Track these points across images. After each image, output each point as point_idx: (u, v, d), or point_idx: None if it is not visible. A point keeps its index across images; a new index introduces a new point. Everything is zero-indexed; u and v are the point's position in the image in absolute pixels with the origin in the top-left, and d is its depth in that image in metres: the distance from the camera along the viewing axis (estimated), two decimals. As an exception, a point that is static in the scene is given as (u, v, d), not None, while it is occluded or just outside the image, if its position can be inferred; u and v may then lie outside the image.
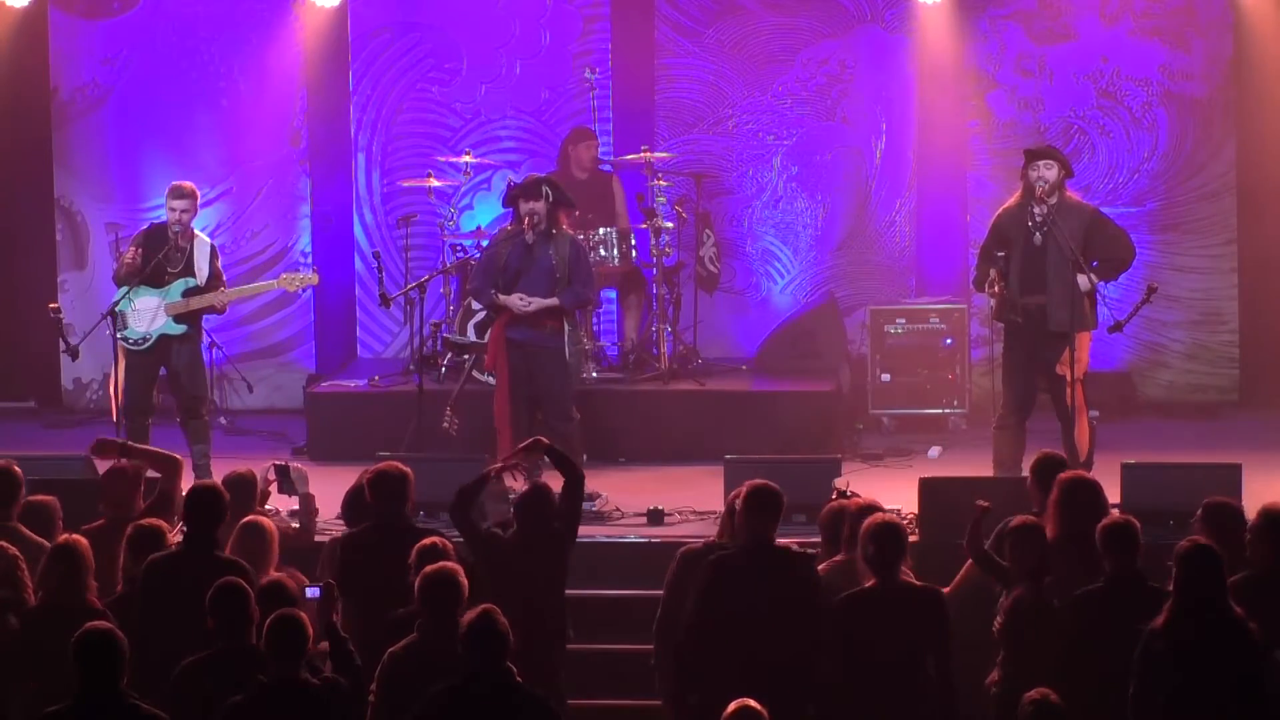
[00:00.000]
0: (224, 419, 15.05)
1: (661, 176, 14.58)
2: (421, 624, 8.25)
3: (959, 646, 8.72)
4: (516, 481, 11.12)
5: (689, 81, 15.82)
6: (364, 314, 16.12)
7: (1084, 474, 9.63)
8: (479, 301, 13.06)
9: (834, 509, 9.47)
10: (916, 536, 10.75)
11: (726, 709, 7.42)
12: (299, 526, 10.54)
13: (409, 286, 13.79)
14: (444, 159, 15.47)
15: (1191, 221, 15.51)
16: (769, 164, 15.80)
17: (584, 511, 10.29)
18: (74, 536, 8.89)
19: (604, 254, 14.14)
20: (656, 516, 11.99)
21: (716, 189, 15.70)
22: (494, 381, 12.73)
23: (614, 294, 14.94)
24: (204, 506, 9.05)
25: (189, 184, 12.90)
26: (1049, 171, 12.05)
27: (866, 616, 8.50)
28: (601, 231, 14.18)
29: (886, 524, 8.64)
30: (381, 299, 13.56)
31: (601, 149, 15.01)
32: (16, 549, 9.02)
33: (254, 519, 9.41)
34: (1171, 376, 15.59)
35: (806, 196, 15.80)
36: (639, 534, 11.80)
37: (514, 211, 12.49)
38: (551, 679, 8.99)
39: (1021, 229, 12.09)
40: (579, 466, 10.00)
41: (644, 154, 14.60)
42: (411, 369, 14.14)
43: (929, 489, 11.17)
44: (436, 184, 14.92)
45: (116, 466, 10.35)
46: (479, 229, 15.14)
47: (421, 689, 7.71)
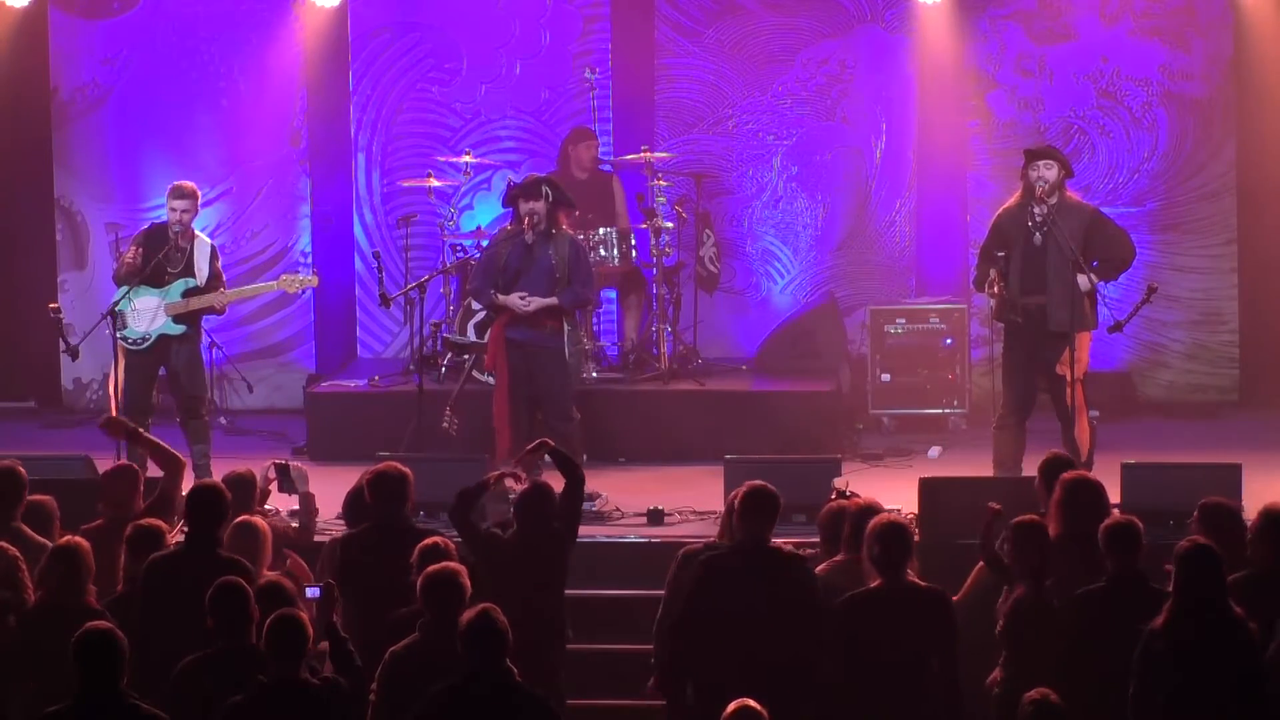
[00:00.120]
0: (224, 419, 15.05)
1: (661, 176, 14.57)
2: (423, 624, 8.26)
3: (970, 650, 8.72)
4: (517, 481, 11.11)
5: (689, 81, 15.81)
6: (364, 314, 16.12)
7: (1086, 474, 9.63)
8: (479, 301, 13.05)
9: (834, 509, 9.47)
10: (917, 536, 10.72)
11: (726, 709, 7.41)
12: (299, 526, 10.54)
13: (409, 286, 13.78)
14: (444, 159, 15.47)
15: (1191, 221, 15.50)
16: (769, 164, 15.80)
17: (584, 511, 10.30)
18: (75, 538, 8.89)
19: (604, 254, 14.14)
20: (656, 516, 11.99)
21: (716, 189, 15.70)
22: (494, 381, 12.73)
23: (614, 294, 14.93)
24: (206, 505, 9.04)
25: (190, 184, 12.89)
26: (1049, 171, 12.04)
27: (871, 617, 8.49)
28: (601, 231, 14.17)
29: (892, 524, 8.63)
30: (381, 299, 13.56)
31: (601, 149, 15.01)
32: (19, 549, 9.03)
33: (247, 519, 9.40)
34: (1171, 376, 15.59)
35: (806, 196, 15.79)
36: (639, 534, 11.80)
37: (514, 211, 12.48)
38: (551, 679, 8.98)
39: (1021, 229, 12.09)
40: (580, 467, 10.00)
41: (644, 154, 14.60)
42: (411, 369, 14.14)
43: (929, 489, 11.17)
44: (436, 184, 14.91)
45: (117, 466, 10.37)
46: (479, 229, 15.13)
47: (423, 689, 7.70)
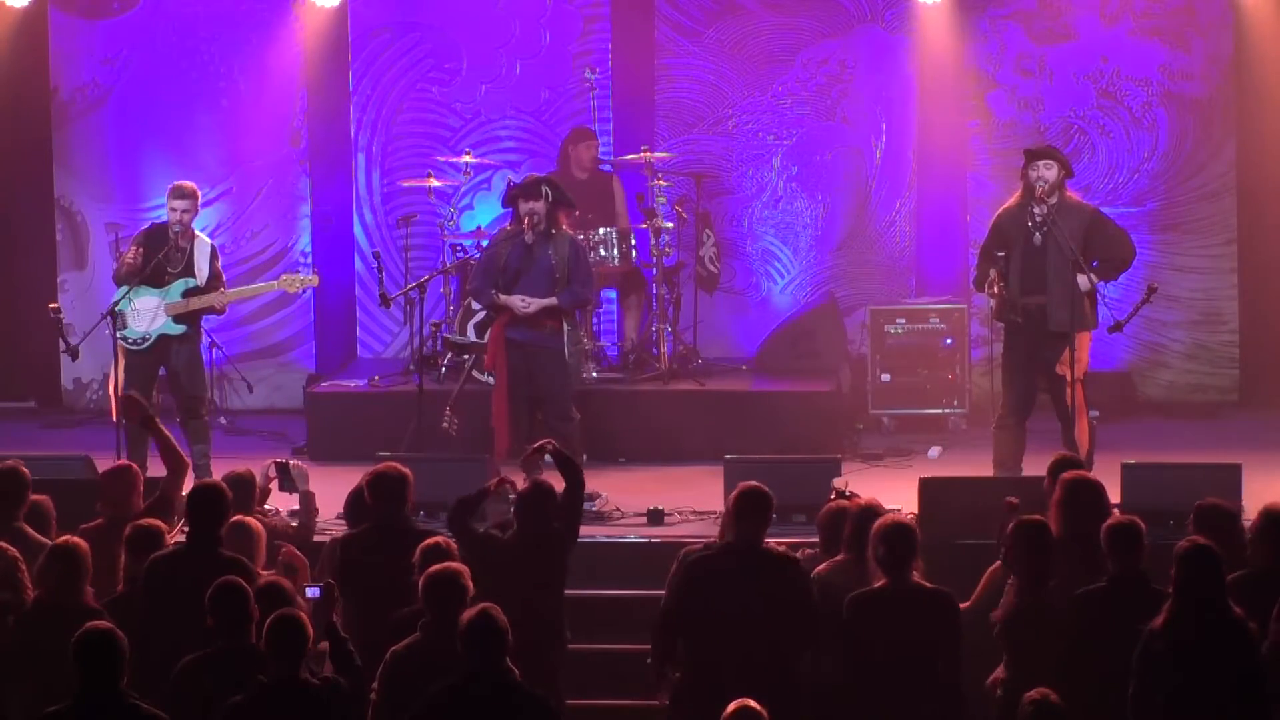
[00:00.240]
0: (224, 419, 15.04)
1: (661, 176, 14.57)
2: (424, 624, 8.25)
3: (982, 652, 8.73)
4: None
5: (689, 81, 15.81)
6: (364, 314, 16.11)
7: (1086, 474, 9.62)
8: (479, 302, 13.05)
9: (834, 509, 9.46)
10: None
11: (726, 709, 7.41)
12: (298, 525, 10.54)
13: (409, 286, 13.78)
14: (444, 159, 15.46)
15: (1191, 221, 15.50)
16: (769, 164, 15.79)
17: (584, 511, 10.29)
18: (73, 538, 8.88)
19: (604, 254, 14.13)
20: (656, 516, 11.99)
21: (716, 189, 15.69)
22: (494, 381, 12.73)
23: (614, 294, 14.93)
24: (207, 505, 9.04)
25: (190, 184, 12.89)
26: (1049, 171, 12.04)
27: (876, 617, 8.50)
28: (601, 231, 14.17)
29: (898, 524, 8.63)
30: (381, 299, 13.55)
31: (601, 149, 15.01)
32: (20, 549, 9.02)
33: (241, 519, 9.39)
34: (1171, 376, 15.58)
35: (806, 196, 15.79)
36: (639, 534, 11.80)
37: (514, 211, 12.48)
38: (550, 679, 8.98)
39: (1021, 229, 12.08)
40: (580, 468, 9.99)
41: (644, 154, 14.59)
42: (411, 369, 14.14)
43: (929, 489, 11.18)
44: (436, 184, 14.91)
45: (116, 466, 10.37)
46: (479, 229, 15.13)
47: (424, 689, 7.70)
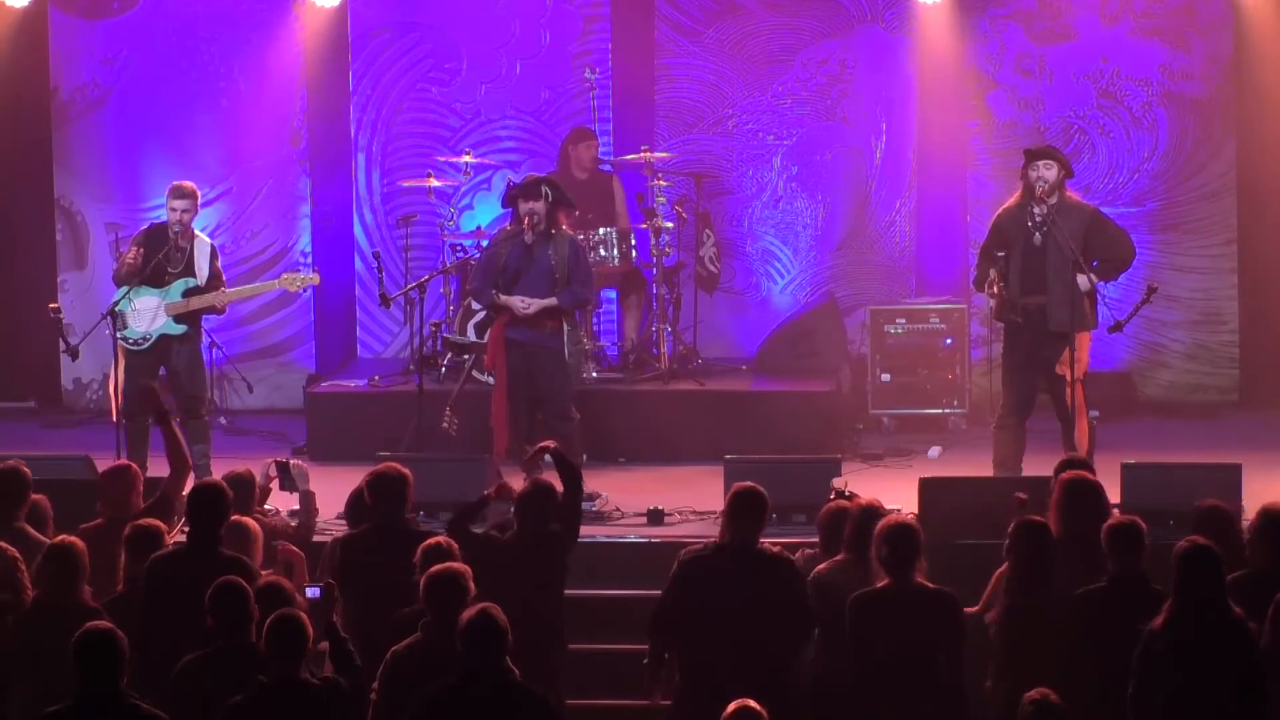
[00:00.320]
0: (224, 419, 15.04)
1: (661, 176, 14.57)
2: (425, 623, 8.23)
3: (989, 654, 8.74)
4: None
5: (689, 81, 15.81)
6: (364, 314, 16.11)
7: (1085, 474, 9.61)
8: (479, 302, 13.05)
9: (833, 509, 9.45)
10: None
11: (727, 709, 7.40)
12: (298, 524, 10.54)
13: (409, 286, 13.78)
14: (444, 159, 15.46)
15: (1191, 221, 15.50)
16: (769, 164, 15.79)
17: (584, 511, 10.28)
18: (69, 537, 8.88)
19: (604, 254, 14.13)
20: (656, 516, 11.99)
21: (716, 189, 15.69)
22: (494, 381, 12.72)
23: (614, 294, 14.93)
24: (208, 504, 9.04)
25: (189, 184, 12.90)
26: (1049, 171, 12.04)
27: (878, 616, 8.50)
28: (601, 231, 14.17)
29: (901, 525, 8.63)
30: (381, 299, 13.55)
31: (601, 149, 15.00)
32: (22, 549, 9.02)
33: (237, 519, 9.38)
34: (1171, 376, 15.58)
35: (806, 196, 15.79)
36: (639, 534, 11.80)
37: (514, 211, 12.48)
38: (550, 679, 8.97)
39: (1021, 229, 12.08)
40: (578, 469, 9.97)
41: (644, 154, 14.59)
42: (411, 369, 14.14)
43: (929, 489, 11.18)
44: (436, 184, 14.91)
45: (115, 466, 10.37)
46: (479, 229, 15.13)
47: (424, 689, 7.70)
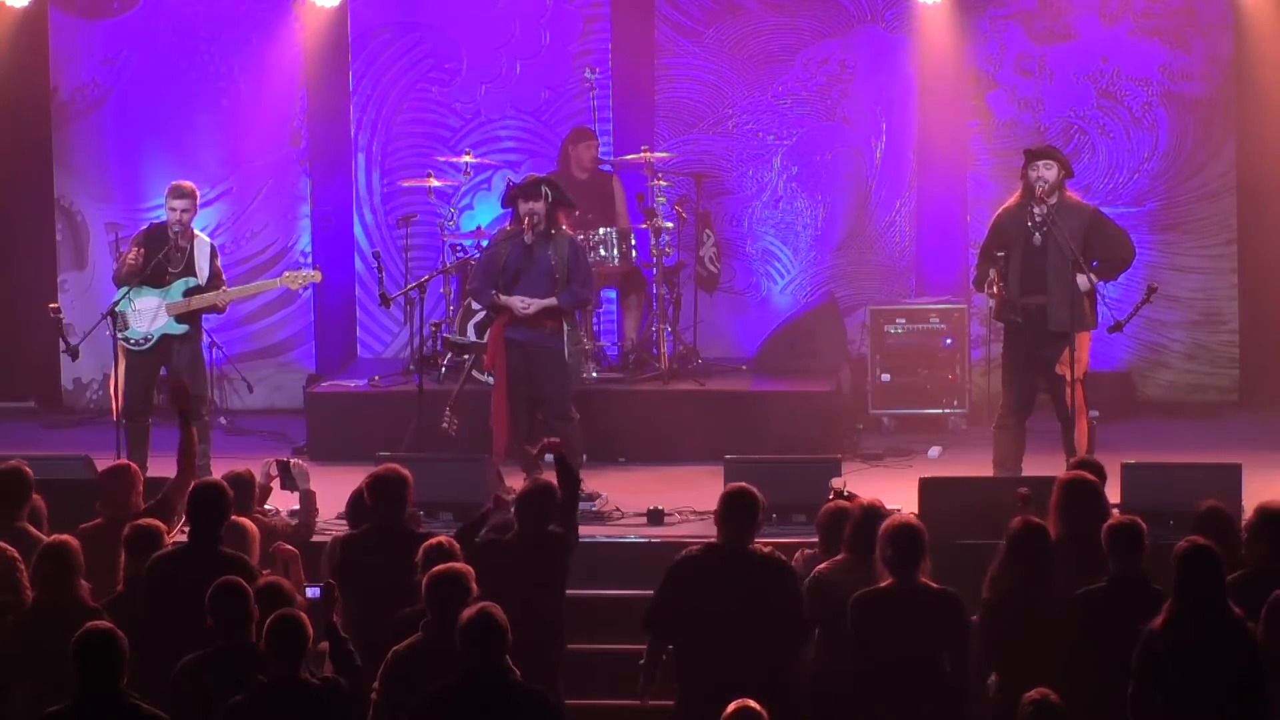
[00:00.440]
0: (224, 419, 15.04)
1: (661, 176, 14.57)
2: (427, 623, 8.22)
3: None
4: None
5: (689, 81, 15.81)
6: (364, 314, 16.11)
7: (1084, 474, 9.60)
8: (479, 302, 13.05)
9: (833, 509, 9.45)
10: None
11: (727, 709, 7.40)
12: (298, 523, 10.55)
13: (409, 286, 13.78)
14: (444, 159, 15.46)
15: (1191, 221, 15.49)
16: (769, 164, 15.79)
17: (584, 511, 10.29)
18: (63, 536, 8.87)
19: (604, 254, 14.13)
20: (656, 516, 11.99)
21: (716, 189, 15.69)
22: (493, 381, 12.72)
23: (614, 294, 14.93)
24: (208, 504, 9.04)
25: (189, 184, 12.91)
26: (1049, 171, 12.05)
27: (881, 616, 8.51)
28: (601, 231, 14.17)
29: (906, 525, 8.63)
30: (381, 299, 13.56)
31: (601, 149, 15.00)
32: (23, 548, 9.00)
33: (234, 519, 9.37)
34: (1171, 376, 15.58)
35: (806, 196, 15.79)
36: (639, 534, 11.80)
37: (513, 212, 12.49)
38: (550, 679, 8.96)
39: (1021, 229, 12.09)
40: (576, 470, 9.96)
41: (644, 154, 14.59)
42: (411, 369, 14.14)
43: (929, 489, 11.18)
44: (436, 184, 14.91)
45: (115, 466, 10.38)
46: (479, 229, 15.13)
47: (425, 688, 7.70)
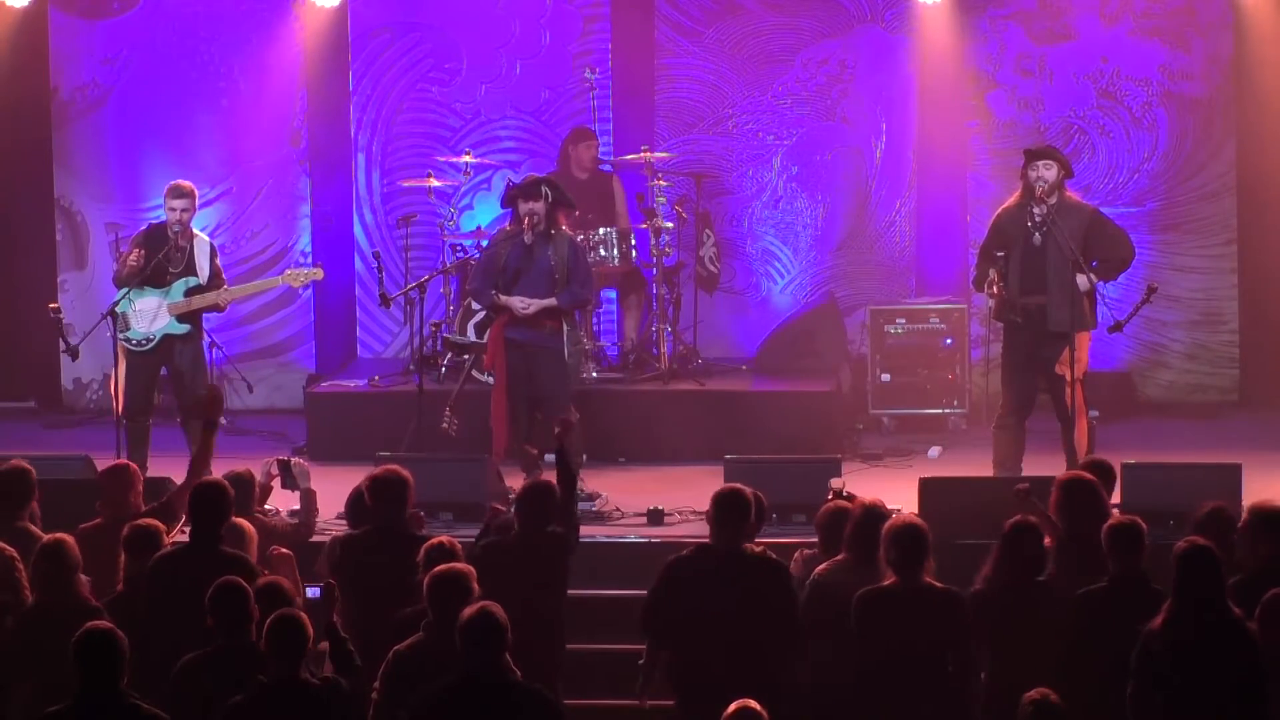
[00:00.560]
0: (224, 419, 15.00)
1: (661, 176, 14.57)
2: (428, 623, 8.21)
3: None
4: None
5: (689, 81, 15.81)
6: (364, 314, 16.11)
7: (1083, 474, 9.61)
8: (479, 302, 13.05)
9: (832, 509, 9.45)
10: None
11: (727, 709, 7.39)
12: (298, 523, 10.54)
13: (409, 286, 13.79)
14: (444, 159, 15.46)
15: (1191, 221, 15.49)
16: (769, 164, 15.79)
17: (584, 511, 10.29)
18: (60, 535, 8.86)
19: (604, 254, 14.13)
20: (656, 516, 11.99)
21: (716, 189, 15.69)
22: (493, 381, 12.72)
23: (614, 294, 14.93)
24: (209, 503, 9.04)
25: (187, 183, 12.91)
26: (1048, 172, 12.05)
27: (884, 615, 8.52)
28: (601, 231, 14.17)
29: (910, 525, 8.64)
30: (381, 299, 13.56)
31: (601, 149, 15.00)
32: (26, 548, 9.00)
33: (232, 521, 9.37)
34: (1171, 376, 15.58)
35: (806, 196, 15.79)
36: (639, 534, 11.80)
37: (513, 212, 12.48)
38: (550, 679, 8.96)
39: (1021, 229, 12.09)
40: (574, 467, 9.94)
41: (644, 154, 14.59)
42: (411, 369, 14.14)
43: (929, 489, 11.19)
44: (436, 184, 14.91)
45: (114, 466, 10.38)
46: (479, 229, 15.13)
47: (424, 687, 7.70)
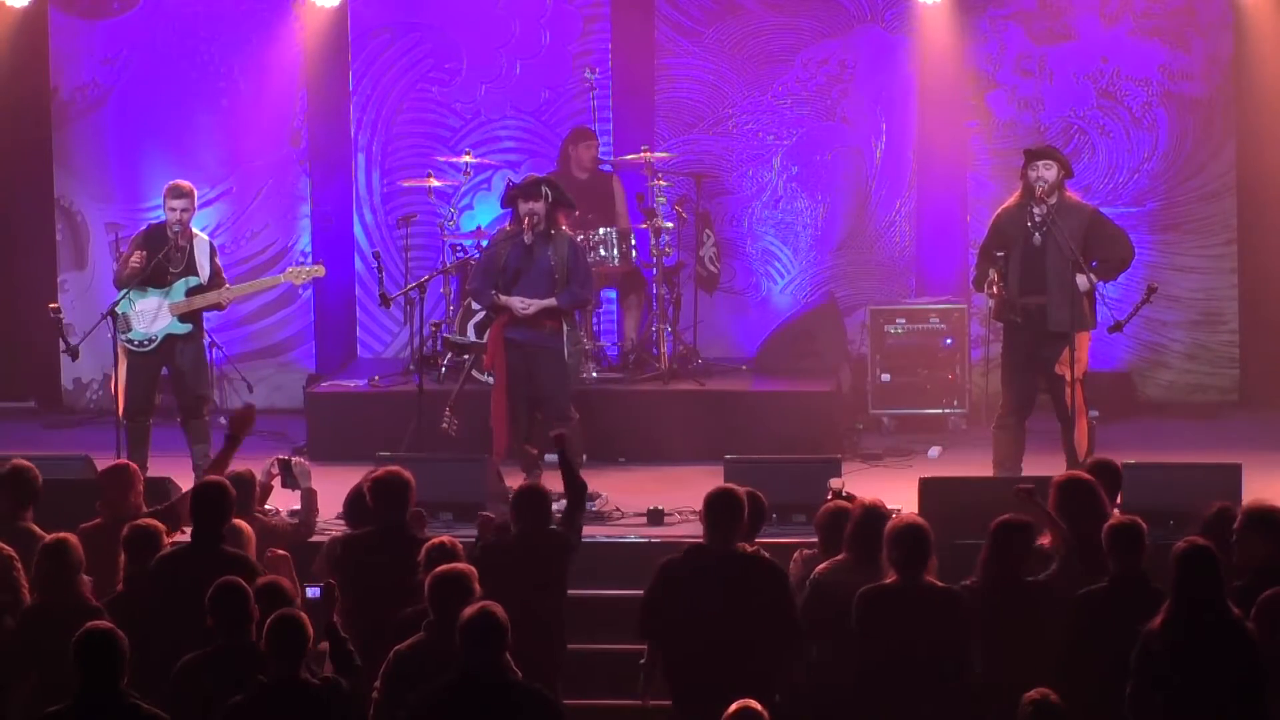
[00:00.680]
0: (224, 419, 14.98)
1: (661, 176, 14.57)
2: (429, 623, 8.22)
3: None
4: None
5: (689, 81, 15.81)
6: (364, 314, 16.12)
7: (1081, 475, 9.59)
8: (479, 302, 13.05)
9: (832, 509, 9.45)
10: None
11: (728, 710, 7.39)
12: (299, 522, 10.55)
13: (409, 286, 13.79)
14: (444, 159, 15.46)
15: (1191, 221, 15.49)
16: (769, 164, 15.79)
17: (585, 512, 10.28)
18: (63, 535, 8.87)
19: (604, 254, 14.13)
20: (656, 516, 11.99)
21: (716, 189, 15.69)
22: (493, 381, 12.72)
23: (614, 294, 14.94)
24: (211, 503, 9.05)
25: (186, 183, 12.91)
26: (1048, 172, 12.05)
27: (885, 613, 8.52)
28: (601, 231, 14.17)
29: (913, 525, 8.65)
30: (381, 299, 13.56)
31: (601, 149, 15.00)
32: (28, 547, 9.01)
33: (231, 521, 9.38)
34: (1171, 376, 15.58)
35: (806, 196, 15.79)
36: (639, 534, 11.81)
37: (513, 212, 12.49)
38: (550, 680, 8.96)
39: (1021, 229, 12.09)
40: (578, 469, 9.94)
41: (644, 154, 14.59)
42: (411, 369, 14.14)
43: (929, 489, 11.19)
44: (436, 184, 14.91)
45: (113, 466, 10.38)
46: (479, 229, 15.14)
47: (424, 686, 7.70)
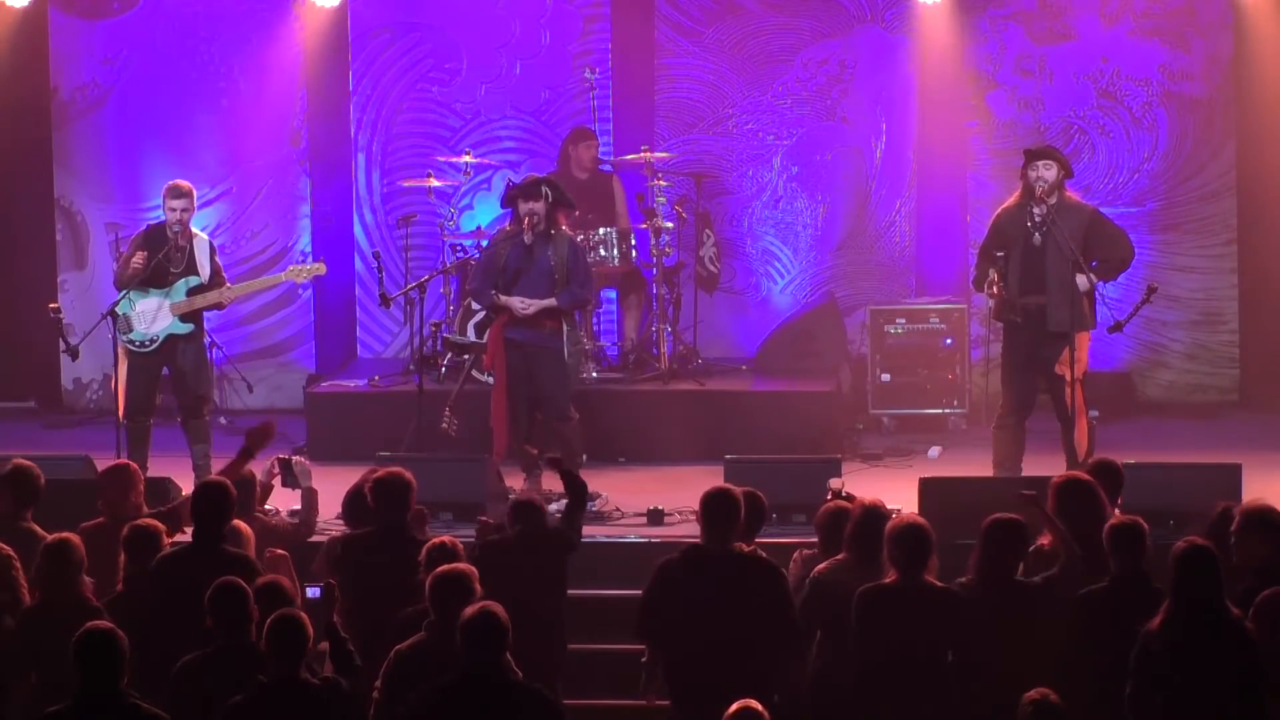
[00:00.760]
0: (224, 419, 15.03)
1: (661, 176, 14.57)
2: (429, 623, 8.22)
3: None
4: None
5: (689, 81, 15.81)
6: (364, 314, 16.12)
7: (1079, 475, 9.58)
8: (479, 302, 13.05)
9: (832, 509, 9.45)
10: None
11: (729, 710, 7.39)
12: (299, 522, 10.55)
13: (409, 286, 13.79)
14: (444, 159, 15.46)
15: (1191, 221, 15.50)
16: (769, 164, 15.79)
17: (585, 512, 10.28)
18: (65, 534, 8.88)
19: (604, 254, 14.13)
20: (656, 516, 11.99)
21: (716, 189, 15.69)
22: (493, 381, 12.73)
23: (614, 294, 14.94)
24: (212, 503, 9.05)
25: (186, 183, 12.90)
26: (1048, 172, 12.05)
27: (885, 612, 8.52)
28: (601, 231, 14.17)
29: (913, 525, 8.64)
30: (381, 299, 13.56)
31: (601, 149, 15.00)
32: (29, 547, 9.01)
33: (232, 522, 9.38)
34: (1171, 376, 15.58)
35: (806, 196, 15.79)
36: (639, 534, 11.80)
37: (513, 212, 12.49)
38: (550, 680, 8.96)
39: (1021, 229, 12.09)
40: (578, 479, 9.93)
41: (644, 154, 14.59)
42: (411, 369, 14.14)
43: (929, 489, 11.19)
44: (436, 184, 14.91)
45: (113, 465, 10.38)
46: (479, 229, 15.14)
47: (424, 686, 7.70)
